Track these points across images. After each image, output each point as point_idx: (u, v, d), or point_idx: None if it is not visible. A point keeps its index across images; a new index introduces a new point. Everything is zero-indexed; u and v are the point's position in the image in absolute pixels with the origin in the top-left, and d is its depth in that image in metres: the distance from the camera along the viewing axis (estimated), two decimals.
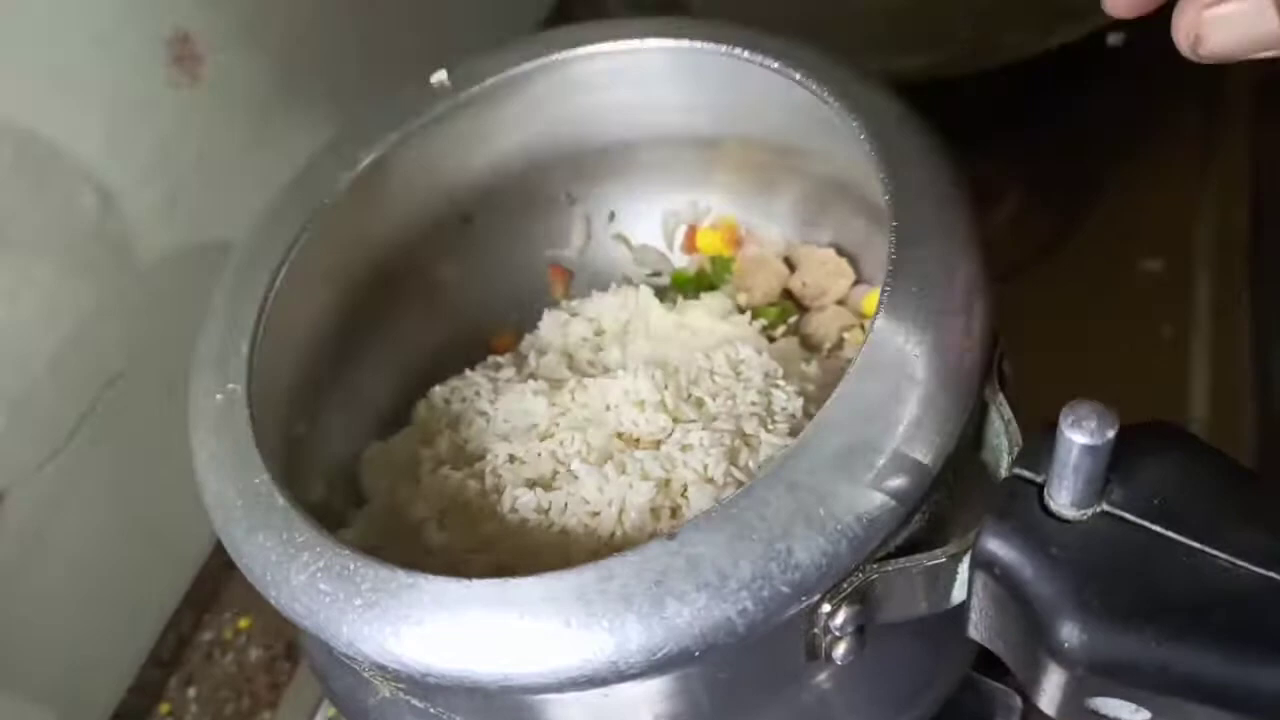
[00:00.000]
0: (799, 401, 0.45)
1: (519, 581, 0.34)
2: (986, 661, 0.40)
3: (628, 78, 0.49)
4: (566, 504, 0.43)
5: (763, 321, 0.52)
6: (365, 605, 0.34)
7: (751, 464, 0.43)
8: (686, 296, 0.54)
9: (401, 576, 0.35)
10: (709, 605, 0.32)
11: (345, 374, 0.51)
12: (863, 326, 0.52)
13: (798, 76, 0.43)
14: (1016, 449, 0.35)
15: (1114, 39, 0.64)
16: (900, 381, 0.35)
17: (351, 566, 0.35)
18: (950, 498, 0.36)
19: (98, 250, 0.56)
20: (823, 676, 0.39)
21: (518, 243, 0.56)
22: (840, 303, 0.53)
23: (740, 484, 0.42)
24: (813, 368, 0.49)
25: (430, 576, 0.34)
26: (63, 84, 0.53)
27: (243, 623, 0.64)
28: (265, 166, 0.65)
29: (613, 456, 0.44)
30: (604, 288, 0.56)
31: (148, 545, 0.61)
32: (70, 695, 0.58)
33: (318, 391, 0.49)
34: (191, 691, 0.62)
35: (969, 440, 0.37)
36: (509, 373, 0.51)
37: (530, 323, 0.55)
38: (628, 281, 0.57)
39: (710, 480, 0.42)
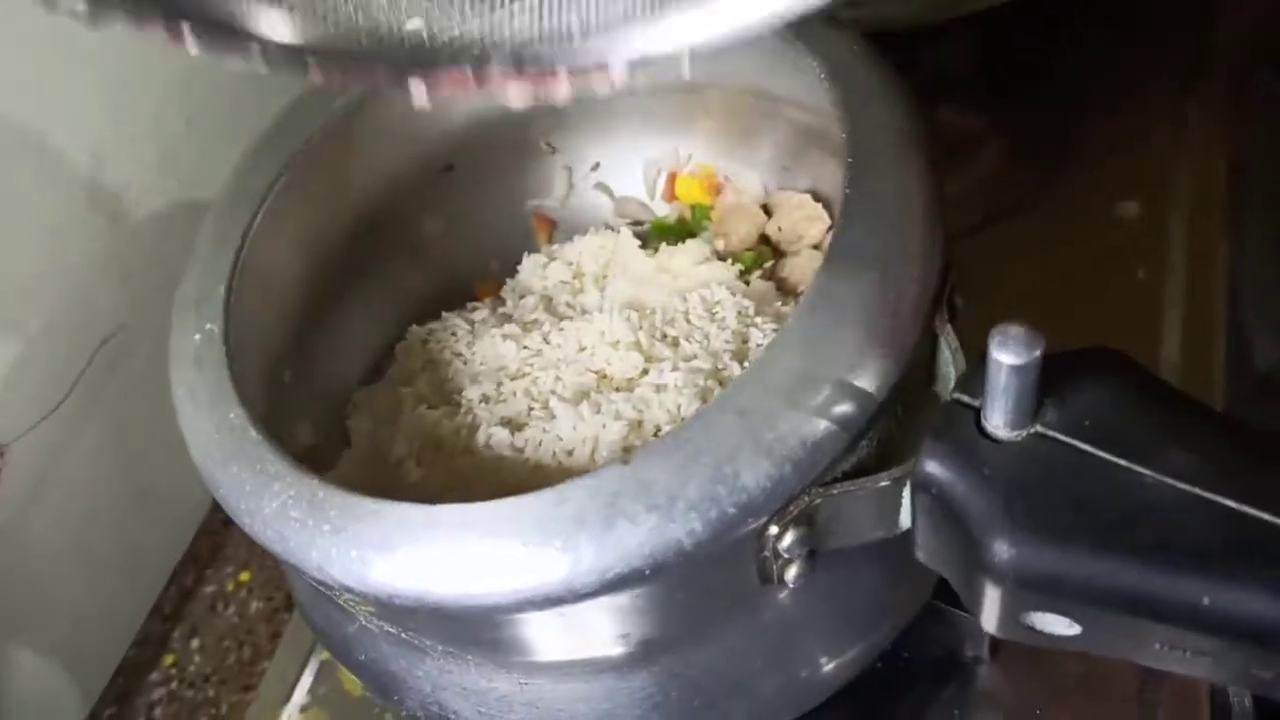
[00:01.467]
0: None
1: (479, 505, 0.35)
2: (953, 592, 0.41)
3: None
4: (541, 441, 0.44)
5: (740, 266, 0.53)
6: (333, 530, 0.36)
7: None
8: (668, 244, 0.55)
9: (368, 503, 0.36)
10: (658, 526, 0.33)
11: (331, 321, 0.52)
12: None
13: None
14: None
15: None
16: (849, 312, 0.36)
17: (320, 495, 0.37)
18: (899, 426, 0.37)
19: (91, 211, 0.57)
20: (780, 599, 0.40)
21: (500, 192, 0.57)
22: (817, 247, 0.54)
23: None
24: (789, 307, 0.50)
25: (394, 503, 0.36)
26: (58, 48, 0.54)
27: (243, 576, 0.65)
28: (256, 125, 0.66)
29: (589, 396, 0.45)
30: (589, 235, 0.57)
31: (148, 501, 0.63)
32: (76, 647, 0.59)
33: (303, 338, 0.51)
34: (195, 643, 0.63)
35: (920, 372, 0.38)
36: (484, 314, 0.52)
37: (515, 271, 0.56)
38: (609, 229, 0.58)
39: (684, 420, 0.43)
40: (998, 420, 0.32)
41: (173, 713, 0.61)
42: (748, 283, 0.52)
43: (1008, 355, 0.30)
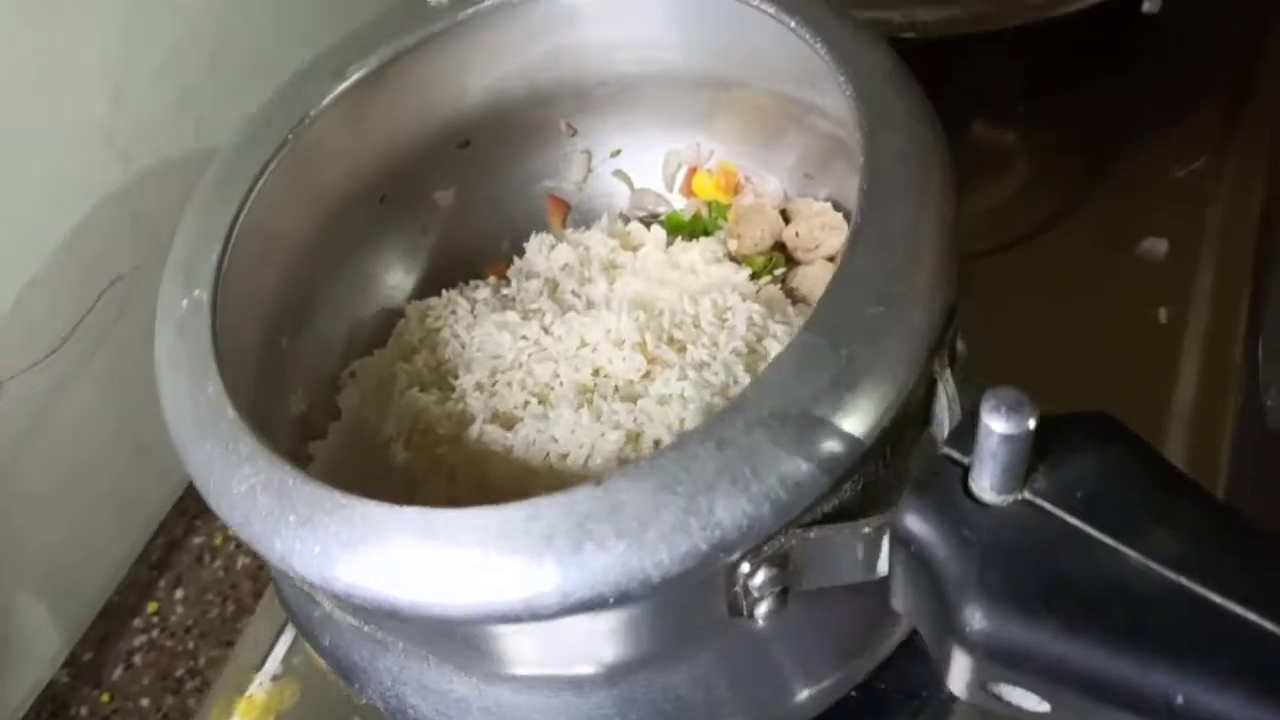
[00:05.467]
0: None
1: (446, 512, 0.34)
2: None
3: (625, 12, 0.48)
4: (535, 440, 0.44)
5: (749, 270, 0.52)
6: (299, 522, 0.35)
7: None
8: (682, 239, 0.54)
9: (337, 497, 0.35)
10: (626, 554, 0.32)
11: (333, 290, 0.52)
12: None
13: (792, 25, 0.43)
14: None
15: (1149, 5, 0.62)
16: (844, 350, 0.34)
17: (290, 483, 0.36)
18: (889, 469, 0.36)
19: (106, 151, 0.56)
20: (752, 628, 0.39)
21: (516, 171, 0.56)
22: (831, 259, 0.53)
23: None
24: (801, 317, 0.48)
25: (363, 500, 0.35)
26: None
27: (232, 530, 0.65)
28: (280, 73, 0.65)
29: (590, 400, 0.44)
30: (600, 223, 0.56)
31: (142, 450, 0.62)
32: (61, 588, 0.59)
33: (305, 304, 0.50)
34: (179, 593, 0.63)
35: (914, 416, 0.37)
36: (485, 294, 0.51)
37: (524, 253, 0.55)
38: (624, 219, 0.57)
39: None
40: (985, 483, 0.31)
41: (151, 660, 0.61)
42: (758, 289, 0.51)
43: (1000, 423, 0.29)
